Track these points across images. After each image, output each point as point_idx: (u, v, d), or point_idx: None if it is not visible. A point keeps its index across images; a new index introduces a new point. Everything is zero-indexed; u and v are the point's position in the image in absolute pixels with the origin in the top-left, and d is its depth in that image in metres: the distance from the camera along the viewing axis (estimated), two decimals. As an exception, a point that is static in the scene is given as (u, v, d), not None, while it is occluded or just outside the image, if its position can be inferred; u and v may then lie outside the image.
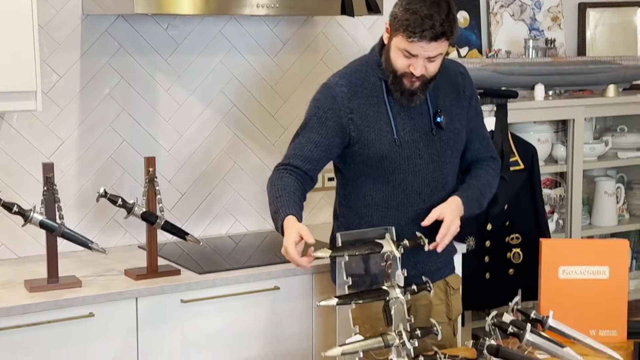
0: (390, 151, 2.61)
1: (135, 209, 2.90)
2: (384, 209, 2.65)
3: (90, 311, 2.74)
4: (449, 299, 2.79)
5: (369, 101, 2.62)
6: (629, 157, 4.11)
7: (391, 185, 2.64)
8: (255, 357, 3.03)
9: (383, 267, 2.52)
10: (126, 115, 3.36)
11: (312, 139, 2.61)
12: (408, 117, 2.63)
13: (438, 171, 2.66)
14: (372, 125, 2.61)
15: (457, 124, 2.69)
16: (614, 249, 2.71)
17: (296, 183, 2.59)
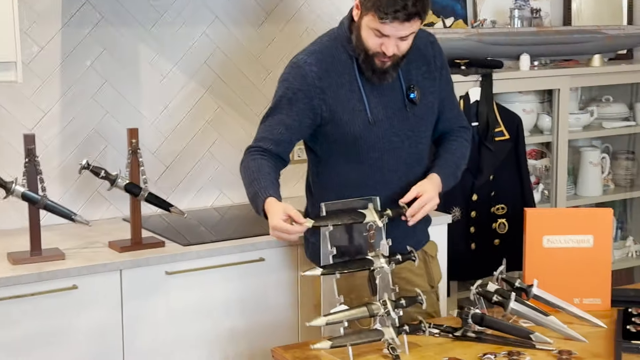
0: (364, 131, 2.56)
1: (119, 181, 2.89)
2: (360, 188, 2.58)
3: (74, 283, 2.73)
4: (429, 267, 2.79)
5: (340, 80, 2.56)
6: (614, 127, 4.12)
7: (366, 164, 2.60)
8: (240, 328, 3.03)
9: (366, 236, 2.52)
10: (109, 87, 3.34)
11: (282, 121, 2.56)
12: (381, 95, 2.58)
13: (414, 147, 2.63)
14: (344, 105, 2.55)
15: (430, 97, 2.65)
16: (597, 218, 2.71)
17: (269, 164, 2.55)
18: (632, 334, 2.46)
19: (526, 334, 2.45)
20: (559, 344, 2.43)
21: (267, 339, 3.03)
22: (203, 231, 3.20)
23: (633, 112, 4.19)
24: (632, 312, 2.61)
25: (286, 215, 2.40)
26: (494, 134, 3.62)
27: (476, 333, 2.48)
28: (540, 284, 2.63)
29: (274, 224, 2.40)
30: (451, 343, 2.46)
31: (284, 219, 2.40)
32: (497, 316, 2.56)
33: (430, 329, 2.48)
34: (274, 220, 2.40)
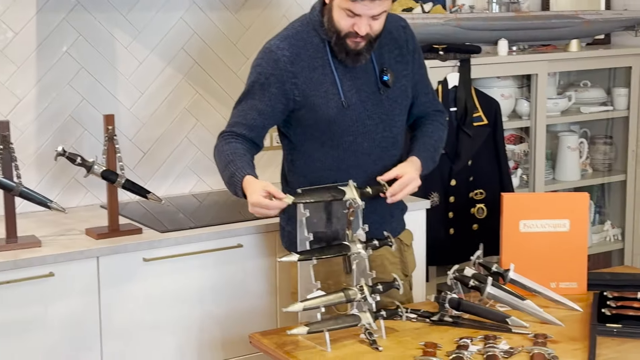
0: (338, 114, 2.55)
1: (95, 168, 2.87)
2: (335, 173, 2.58)
3: (51, 271, 2.72)
4: (404, 256, 2.78)
5: (313, 64, 2.55)
6: (592, 112, 4.13)
7: (341, 148, 2.59)
8: (218, 314, 3.03)
9: (345, 214, 2.51)
10: (85, 73, 3.31)
11: (255, 107, 2.55)
12: (354, 78, 2.57)
13: (388, 131, 2.63)
14: (317, 89, 2.54)
15: (403, 81, 2.65)
16: (574, 202, 2.73)
17: (244, 147, 2.54)
18: (607, 317, 2.48)
19: (502, 318, 2.47)
20: (535, 327, 2.44)
21: (245, 325, 3.03)
22: (181, 218, 3.19)
23: (611, 97, 4.21)
24: (607, 296, 2.63)
25: (266, 192, 2.39)
26: (472, 119, 3.62)
27: (453, 318, 2.49)
28: (517, 269, 2.64)
29: (254, 200, 2.39)
30: (428, 328, 2.47)
31: (264, 196, 2.39)
32: (474, 301, 2.57)
33: (407, 314, 2.49)
34: (254, 197, 2.39)
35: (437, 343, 2.32)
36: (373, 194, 2.52)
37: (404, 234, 2.81)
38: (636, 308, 2.52)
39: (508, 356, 2.25)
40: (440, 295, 2.53)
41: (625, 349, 2.31)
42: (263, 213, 2.42)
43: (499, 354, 2.25)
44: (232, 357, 3.07)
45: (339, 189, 2.48)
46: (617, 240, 4.28)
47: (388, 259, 2.72)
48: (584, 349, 2.30)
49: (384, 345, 2.34)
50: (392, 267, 2.73)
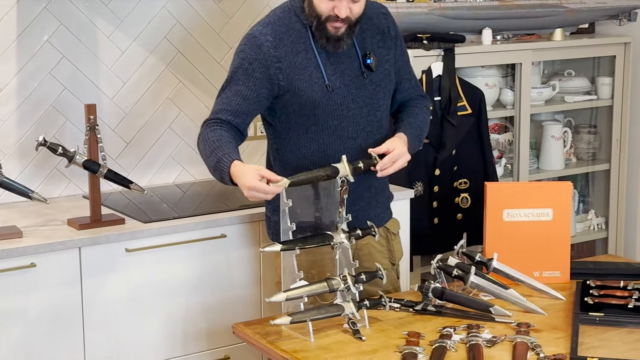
0: (322, 98, 2.55)
1: (77, 158, 2.85)
2: (321, 159, 2.58)
3: (32, 261, 2.70)
4: (391, 244, 2.78)
5: (296, 48, 2.55)
6: (576, 101, 4.14)
7: (326, 133, 2.59)
8: (202, 305, 3.02)
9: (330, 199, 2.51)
10: (67, 63, 3.29)
11: (239, 92, 2.53)
12: (337, 62, 2.58)
13: (372, 114, 2.63)
14: (301, 73, 2.54)
15: (386, 65, 2.65)
16: (557, 191, 2.73)
17: (229, 134, 2.52)
18: (590, 305, 2.48)
19: (486, 307, 2.47)
20: (518, 316, 2.45)
21: (229, 315, 3.02)
22: (164, 208, 3.18)
23: (595, 86, 4.21)
24: (590, 285, 2.63)
25: (260, 175, 2.37)
26: (456, 108, 3.62)
27: (436, 307, 2.49)
28: (500, 258, 2.65)
29: (251, 183, 2.36)
30: (411, 317, 2.47)
31: (259, 179, 2.37)
32: (458, 290, 2.57)
33: (390, 304, 2.49)
34: (250, 180, 2.36)
35: (420, 332, 2.33)
36: (365, 168, 2.52)
37: (391, 223, 2.81)
38: (619, 297, 2.53)
39: (491, 345, 2.26)
40: (424, 285, 2.53)
41: (607, 338, 2.32)
42: (259, 197, 2.40)
43: (482, 343, 2.26)
44: (216, 348, 3.06)
45: (332, 166, 2.48)
46: (601, 229, 4.30)
47: (375, 247, 2.73)
48: (567, 338, 2.30)
49: (367, 335, 2.34)
50: (379, 255, 2.73)
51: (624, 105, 4.16)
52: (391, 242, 2.78)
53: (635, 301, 2.48)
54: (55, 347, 2.79)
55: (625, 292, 2.56)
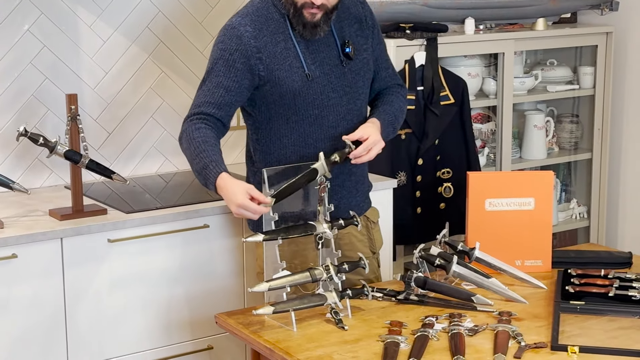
0: (302, 87, 2.55)
1: (58, 148, 2.84)
2: (302, 148, 2.59)
3: (14, 252, 2.69)
4: (371, 233, 2.79)
5: (275, 38, 2.55)
6: (558, 91, 4.15)
7: (306, 122, 2.59)
8: (184, 295, 3.01)
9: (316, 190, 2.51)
10: (48, 52, 3.26)
11: (221, 84, 2.52)
12: (316, 51, 2.58)
13: (352, 103, 2.63)
14: (281, 63, 2.54)
15: (364, 54, 2.66)
16: (539, 181, 2.74)
17: (213, 134, 2.51)
18: (571, 294, 2.50)
19: (467, 296, 2.48)
20: (500, 305, 2.46)
21: (211, 305, 3.02)
22: (147, 198, 3.17)
23: (577, 76, 4.23)
24: (571, 273, 2.65)
25: (249, 195, 2.39)
26: (439, 98, 3.62)
27: (419, 296, 2.50)
28: (483, 247, 2.66)
29: (241, 202, 2.38)
30: (394, 306, 2.48)
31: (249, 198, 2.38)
32: (440, 279, 2.58)
33: (373, 293, 2.50)
34: (240, 199, 2.38)
35: (402, 322, 2.33)
36: (341, 160, 2.53)
37: (370, 212, 2.82)
38: (600, 285, 2.55)
39: (473, 334, 2.27)
40: (406, 274, 2.54)
41: (588, 326, 2.34)
42: (246, 216, 2.43)
43: (464, 332, 2.27)
44: (199, 338, 3.06)
45: (311, 169, 2.48)
46: (582, 218, 4.32)
47: (356, 236, 2.73)
48: (548, 326, 2.32)
49: (350, 325, 2.35)
50: (360, 244, 2.74)
51: (605, 94, 4.17)
52: (371, 230, 2.79)
53: (615, 290, 2.50)
54: (37, 338, 2.78)
55: (606, 280, 2.58)
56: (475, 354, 2.17)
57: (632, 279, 2.57)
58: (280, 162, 2.59)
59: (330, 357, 2.16)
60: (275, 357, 2.23)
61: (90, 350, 2.87)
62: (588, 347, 2.18)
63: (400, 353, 2.16)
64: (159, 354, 2.99)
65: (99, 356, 2.89)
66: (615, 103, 4.24)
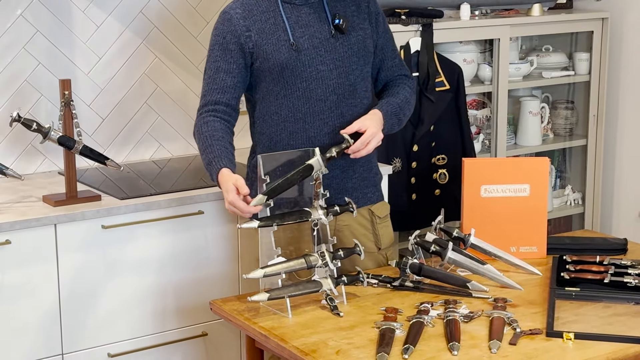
0: (289, 59, 2.57)
1: (52, 134, 2.82)
2: (291, 124, 2.61)
3: (7, 238, 2.68)
4: (376, 228, 2.75)
5: (265, 16, 2.60)
6: (554, 77, 4.14)
7: (295, 96, 2.60)
8: (179, 282, 3.01)
9: (312, 186, 2.51)
10: (41, 37, 3.24)
11: (220, 68, 2.59)
12: (306, 25, 2.61)
13: (343, 77, 2.62)
14: (269, 38, 2.58)
15: (360, 32, 2.66)
16: (534, 167, 2.74)
17: (222, 125, 2.57)
18: (566, 280, 2.50)
19: (463, 282, 2.48)
20: (495, 292, 2.46)
21: (206, 292, 3.02)
22: (141, 184, 3.15)
23: (572, 62, 4.22)
24: (566, 260, 2.65)
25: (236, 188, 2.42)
26: (434, 84, 3.61)
27: (414, 283, 2.50)
28: (478, 233, 2.66)
29: (231, 200, 2.42)
30: (389, 293, 2.48)
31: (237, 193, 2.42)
32: (435, 266, 2.58)
33: (368, 280, 2.49)
34: (230, 197, 2.43)
35: (397, 308, 2.33)
36: (338, 155, 2.52)
37: (378, 206, 2.77)
38: (595, 272, 2.55)
39: (468, 320, 2.27)
40: (402, 261, 2.53)
41: (583, 312, 2.34)
42: (237, 213, 2.46)
43: (459, 318, 2.26)
44: (194, 324, 3.06)
45: (306, 164, 2.47)
46: (577, 205, 4.32)
47: (357, 229, 2.70)
48: (543, 313, 2.32)
49: (345, 311, 2.34)
50: (363, 238, 2.70)
51: (601, 80, 4.17)
52: (376, 225, 2.75)
53: (611, 276, 2.50)
54: (31, 324, 2.77)
55: (601, 267, 2.58)
56: (471, 340, 2.17)
57: (627, 265, 2.58)
58: (271, 141, 2.63)
59: (325, 344, 2.16)
60: (270, 343, 2.23)
61: (84, 336, 2.86)
62: (583, 333, 2.18)
63: (396, 339, 2.16)
64: (153, 340, 2.99)
65: (93, 342, 2.88)
66: (611, 89, 4.23)
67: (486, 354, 2.11)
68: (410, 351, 2.09)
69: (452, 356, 2.09)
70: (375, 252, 2.75)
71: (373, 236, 2.75)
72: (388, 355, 2.08)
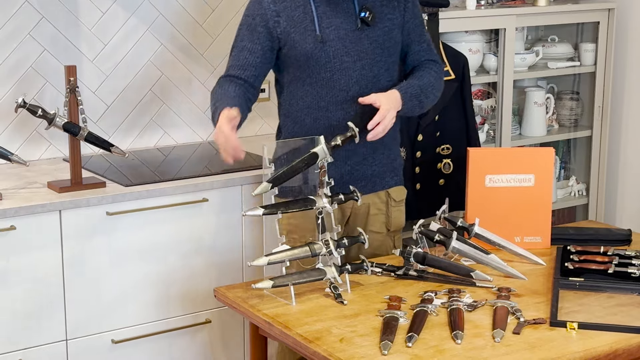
0: (314, 49, 2.62)
1: (57, 120, 2.83)
2: (315, 110, 2.67)
3: (12, 224, 2.68)
4: (389, 210, 2.80)
5: (295, 3, 2.65)
6: (559, 68, 4.13)
7: (319, 85, 2.65)
8: (183, 268, 3.01)
9: (317, 174, 2.51)
10: (46, 24, 3.24)
11: (245, 47, 2.67)
12: (333, 16, 2.64)
13: (367, 69, 2.66)
14: (297, 26, 2.63)
15: (387, 23, 2.69)
16: (539, 157, 2.74)
17: (237, 89, 2.64)
18: (570, 271, 2.50)
19: (467, 272, 2.48)
20: (499, 281, 2.46)
21: (210, 279, 3.02)
22: (146, 171, 3.15)
23: (578, 53, 4.20)
24: (570, 250, 2.65)
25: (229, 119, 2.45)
26: (439, 73, 3.60)
27: (418, 272, 2.50)
28: (482, 223, 2.66)
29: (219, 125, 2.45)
30: (393, 282, 2.48)
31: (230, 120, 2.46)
32: (439, 255, 2.58)
33: (372, 268, 2.50)
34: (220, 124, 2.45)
35: (401, 297, 2.33)
36: (343, 144, 2.53)
37: (395, 189, 2.83)
38: (599, 262, 2.55)
39: (472, 309, 2.27)
40: (406, 250, 2.53)
41: (586, 302, 2.34)
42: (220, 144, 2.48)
43: (463, 307, 2.27)
44: (197, 311, 3.07)
45: (311, 152, 2.48)
46: (581, 196, 4.31)
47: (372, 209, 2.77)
48: (547, 302, 2.32)
49: (349, 299, 2.35)
50: (374, 218, 2.77)
51: (606, 72, 4.15)
52: (390, 208, 2.80)
53: (615, 267, 2.50)
54: (35, 309, 2.78)
55: (605, 257, 2.58)
56: (474, 329, 2.17)
57: (631, 256, 2.58)
58: (296, 124, 2.70)
59: (329, 332, 2.16)
60: (273, 330, 2.23)
61: (87, 322, 2.87)
62: (587, 323, 2.18)
63: (399, 328, 2.16)
64: (157, 327, 3.00)
65: (96, 328, 2.89)
66: (616, 80, 4.22)
67: (490, 343, 2.11)
68: (413, 339, 2.10)
69: (456, 345, 2.10)
70: (385, 232, 2.80)
71: (385, 217, 2.80)
72: (392, 343, 2.08)
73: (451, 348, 2.08)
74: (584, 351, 2.08)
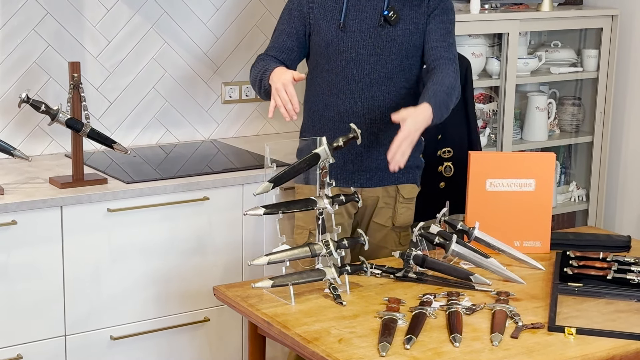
0: (335, 37, 2.75)
1: (60, 116, 2.83)
2: (327, 97, 2.80)
3: (13, 219, 2.69)
4: (396, 205, 2.87)
5: None
6: (562, 73, 4.13)
7: (334, 72, 2.77)
8: (183, 266, 3.02)
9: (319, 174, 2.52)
10: (51, 19, 3.25)
11: (283, 30, 2.83)
12: (361, 10, 2.76)
13: (381, 64, 2.75)
14: (326, 14, 2.77)
15: (410, 26, 2.77)
16: (540, 162, 2.74)
17: (275, 60, 2.77)
18: (569, 276, 2.51)
19: (466, 275, 2.48)
20: (498, 285, 2.47)
21: (209, 278, 3.03)
22: (147, 169, 3.16)
23: (580, 58, 4.21)
24: (570, 255, 2.65)
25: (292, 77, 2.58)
26: (442, 76, 3.60)
27: (417, 274, 2.51)
28: (482, 227, 2.66)
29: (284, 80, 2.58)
30: (392, 283, 2.49)
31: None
32: (439, 258, 2.58)
33: (372, 270, 2.50)
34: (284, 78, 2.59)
35: (400, 299, 2.34)
36: (345, 145, 2.54)
37: (406, 187, 2.89)
38: (598, 268, 2.56)
39: (470, 313, 2.27)
40: (405, 252, 2.54)
41: (585, 308, 2.34)
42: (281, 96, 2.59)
43: (462, 310, 2.27)
44: (196, 310, 3.07)
45: (313, 153, 2.49)
46: (581, 201, 4.32)
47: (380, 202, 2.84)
48: (545, 307, 2.33)
49: (348, 300, 2.35)
50: (381, 210, 2.84)
51: (609, 78, 4.16)
52: (398, 203, 2.87)
53: (614, 273, 2.50)
54: (35, 304, 2.78)
55: (605, 263, 2.58)
56: (473, 332, 2.18)
57: (630, 262, 2.58)
58: (310, 110, 2.85)
59: (328, 332, 2.17)
60: (272, 330, 2.24)
61: (87, 318, 2.88)
62: (585, 328, 2.19)
63: (398, 330, 2.17)
64: (155, 324, 3.00)
65: (95, 325, 2.90)
66: (619, 86, 4.23)
67: (488, 346, 2.11)
68: (412, 342, 2.10)
69: (454, 348, 2.10)
70: (390, 227, 2.85)
71: (392, 212, 2.86)
72: (390, 345, 2.09)
73: (449, 351, 2.09)
74: (581, 356, 2.08)
